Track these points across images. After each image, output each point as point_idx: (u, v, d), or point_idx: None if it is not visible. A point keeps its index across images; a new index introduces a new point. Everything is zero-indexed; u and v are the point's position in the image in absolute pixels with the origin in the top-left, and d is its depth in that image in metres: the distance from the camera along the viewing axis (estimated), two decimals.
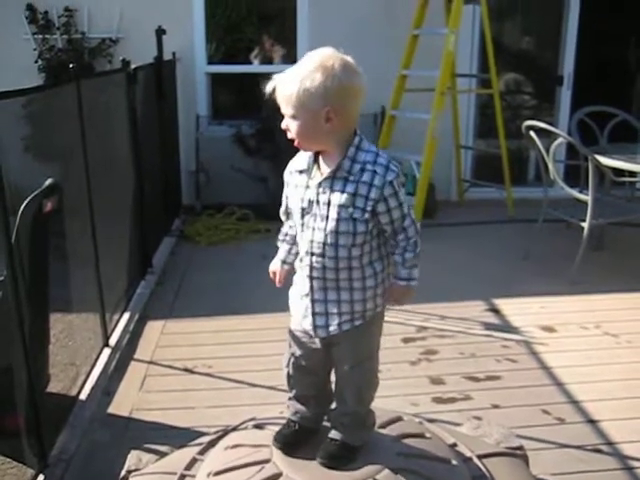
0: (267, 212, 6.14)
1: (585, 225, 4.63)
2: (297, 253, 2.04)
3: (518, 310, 4.21)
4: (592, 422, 3.02)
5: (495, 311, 4.22)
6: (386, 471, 1.91)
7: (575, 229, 4.99)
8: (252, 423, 2.23)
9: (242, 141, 6.47)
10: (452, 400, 3.21)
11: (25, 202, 2.62)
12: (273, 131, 6.26)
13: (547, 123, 4.93)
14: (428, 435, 2.17)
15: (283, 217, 2.13)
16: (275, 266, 2.20)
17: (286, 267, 2.17)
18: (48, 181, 2.86)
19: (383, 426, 2.12)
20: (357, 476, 1.90)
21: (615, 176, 4.87)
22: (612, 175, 4.82)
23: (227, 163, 6.38)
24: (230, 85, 7.09)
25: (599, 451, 2.82)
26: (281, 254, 2.18)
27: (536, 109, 7.51)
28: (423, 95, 5.77)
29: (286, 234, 2.15)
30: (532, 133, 4.82)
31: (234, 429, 2.27)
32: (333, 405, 2.12)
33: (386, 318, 4.12)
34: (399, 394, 3.11)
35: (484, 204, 6.51)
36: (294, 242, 2.08)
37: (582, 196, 4.72)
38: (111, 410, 3.18)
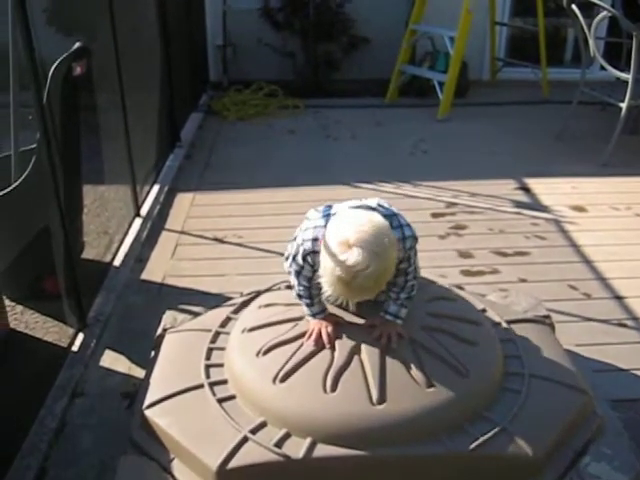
0: (295, 88, 6.07)
1: (623, 105, 4.49)
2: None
3: (549, 189, 4.17)
4: (618, 298, 3.04)
5: (526, 190, 4.18)
6: (417, 329, 1.95)
7: (610, 112, 4.86)
8: (285, 284, 2.28)
9: (270, 15, 6.28)
10: (480, 273, 3.24)
11: (55, 64, 2.58)
12: (302, 5, 6.08)
13: None
14: (459, 299, 2.21)
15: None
16: (317, 320, 1.98)
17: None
18: (77, 44, 2.81)
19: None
20: None
21: None
22: None
23: (255, 38, 6.24)
24: None
25: (624, 325, 2.85)
26: (316, 308, 2.00)
27: None
28: None
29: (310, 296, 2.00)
30: (574, 6, 4.60)
31: (267, 290, 2.32)
32: None
33: (415, 193, 4.15)
34: (428, 266, 3.10)
35: (517, 84, 6.32)
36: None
37: (622, 75, 4.55)
38: (144, 276, 3.26)
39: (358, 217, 1.76)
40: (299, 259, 1.90)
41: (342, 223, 1.75)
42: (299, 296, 2.00)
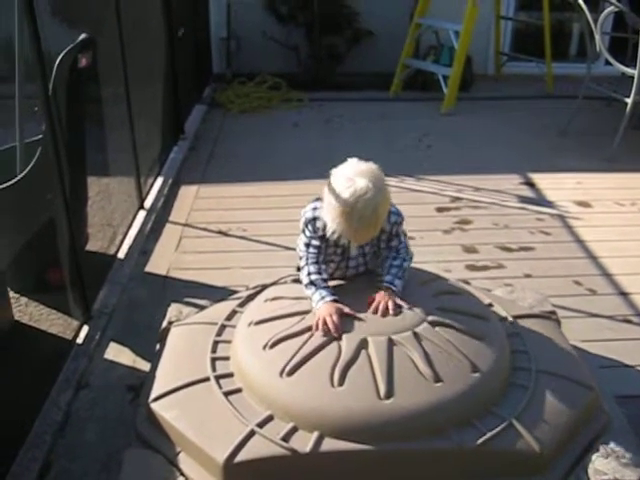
0: (299, 81, 6.05)
1: (629, 101, 4.47)
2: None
3: (553, 185, 4.16)
4: (623, 294, 3.03)
5: (530, 185, 4.17)
6: (425, 324, 1.95)
7: (616, 108, 4.84)
8: (291, 278, 2.27)
9: (274, 7, 6.25)
10: (485, 268, 3.24)
11: (60, 56, 2.57)
12: None
13: None
14: (465, 294, 2.20)
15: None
16: (329, 306, 1.99)
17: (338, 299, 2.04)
18: (82, 36, 2.79)
19: (422, 283, 2.14)
20: (396, 328, 1.94)
21: None
22: None
23: (259, 30, 6.21)
24: None
25: (629, 321, 2.85)
26: (325, 291, 2.04)
27: None
28: None
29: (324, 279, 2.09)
30: (580, 1, 4.58)
31: (273, 283, 2.32)
32: None
33: (420, 187, 4.15)
34: (432, 260, 3.13)
35: (522, 79, 6.31)
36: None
37: (628, 70, 4.53)
38: (148, 269, 3.25)
39: (357, 162, 1.99)
40: (305, 230, 2.07)
41: (344, 167, 1.98)
42: (308, 274, 2.05)
